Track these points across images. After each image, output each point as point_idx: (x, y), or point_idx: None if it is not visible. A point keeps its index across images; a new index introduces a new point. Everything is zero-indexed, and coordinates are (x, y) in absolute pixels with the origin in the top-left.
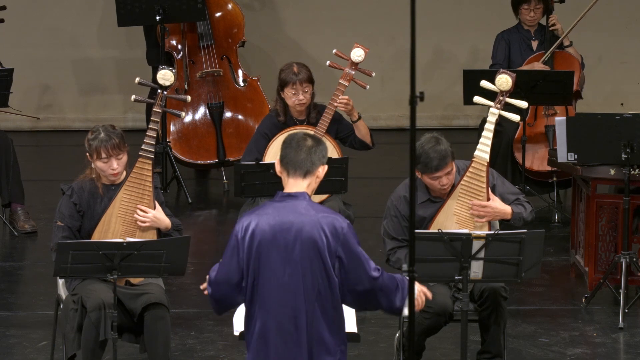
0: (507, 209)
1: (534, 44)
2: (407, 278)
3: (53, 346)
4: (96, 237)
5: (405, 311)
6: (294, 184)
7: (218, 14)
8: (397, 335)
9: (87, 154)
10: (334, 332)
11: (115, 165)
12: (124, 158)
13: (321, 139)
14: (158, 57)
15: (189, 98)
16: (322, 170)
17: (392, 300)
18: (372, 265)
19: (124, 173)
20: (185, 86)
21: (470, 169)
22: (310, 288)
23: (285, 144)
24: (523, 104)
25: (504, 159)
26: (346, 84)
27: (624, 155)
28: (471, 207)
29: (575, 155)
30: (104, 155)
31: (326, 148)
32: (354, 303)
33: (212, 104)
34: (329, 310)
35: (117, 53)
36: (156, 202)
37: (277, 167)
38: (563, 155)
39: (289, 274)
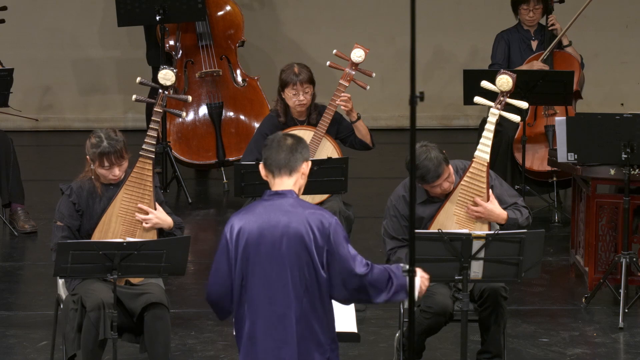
0: (502, 213)
1: (534, 44)
2: (408, 276)
3: (53, 346)
4: (96, 237)
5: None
6: (281, 183)
7: (217, 14)
8: (397, 335)
9: (88, 157)
10: (324, 330)
11: (117, 172)
12: (125, 164)
13: (300, 136)
14: (158, 57)
15: (189, 98)
16: (306, 166)
17: (382, 293)
18: (360, 261)
19: (123, 174)
20: (185, 87)
21: (471, 170)
22: (298, 285)
23: (266, 147)
24: (523, 105)
25: (503, 159)
26: (346, 84)
27: (624, 155)
28: (468, 207)
29: (575, 155)
30: (106, 164)
31: (307, 145)
32: (346, 298)
33: (212, 104)
34: (318, 308)
35: (118, 53)
36: (156, 203)
37: (262, 172)
38: (563, 155)
39: (277, 272)
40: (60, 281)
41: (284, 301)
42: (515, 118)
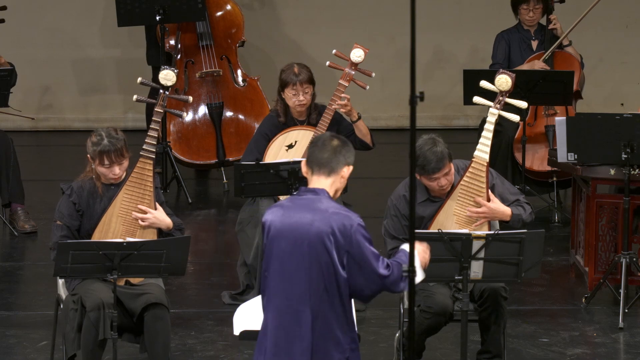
0: (506, 210)
1: (534, 44)
2: (408, 276)
3: (53, 346)
4: (96, 237)
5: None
6: (317, 182)
7: (217, 14)
8: (397, 335)
9: (89, 155)
10: (343, 329)
11: (117, 171)
12: (126, 163)
13: (347, 140)
14: (158, 56)
15: (190, 99)
16: (347, 170)
17: (400, 284)
18: (382, 262)
19: (124, 174)
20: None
21: (470, 169)
22: (315, 283)
23: (312, 144)
24: (522, 104)
25: (504, 159)
26: (346, 84)
27: (624, 155)
28: (468, 210)
29: (575, 155)
30: (106, 162)
31: (352, 150)
32: (368, 295)
33: (212, 104)
34: (337, 307)
35: (117, 53)
36: (156, 203)
37: (303, 168)
38: (563, 155)
39: (295, 268)
40: (60, 281)
41: (301, 298)
42: (515, 118)
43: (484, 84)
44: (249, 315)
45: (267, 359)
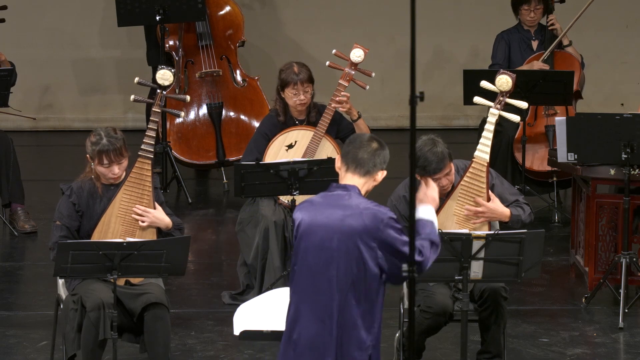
0: (505, 211)
1: (534, 44)
2: (408, 276)
3: (53, 346)
4: (96, 237)
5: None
6: (351, 179)
7: (217, 14)
8: (397, 335)
9: (88, 155)
10: (367, 326)
11: (117, 170)
12: (125, 162)
13: (385, 145)
14: (158, 57)
15: (188, 98)
16: (381, 175)
17: (431, 261)
18: (415, 250)
19: (124, 173)
20: (185, 87)
21: (470, 170)
22: (343, 278)
23: (350, 141)
24: (523, 105)
25: (504, 159)
26: (346, 84)
27: (624, 155)
28: (468, 210)
29: (575, 155)
30: (105, 161)
31: (388, 155)
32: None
33: (212, 104)
34: (363, 304)
35: (117, 53)
36: (156, 203)
37: (337, 163)
38: (563, 155)
39: (324, 262)
40: (60, 281)
41: (328, 292)
42: (515, 118)
43: (485, 84)
44: (249, 315)
45: (298, 353)
